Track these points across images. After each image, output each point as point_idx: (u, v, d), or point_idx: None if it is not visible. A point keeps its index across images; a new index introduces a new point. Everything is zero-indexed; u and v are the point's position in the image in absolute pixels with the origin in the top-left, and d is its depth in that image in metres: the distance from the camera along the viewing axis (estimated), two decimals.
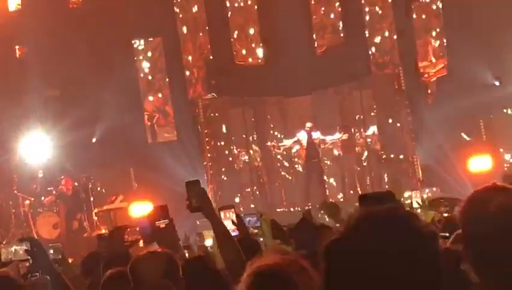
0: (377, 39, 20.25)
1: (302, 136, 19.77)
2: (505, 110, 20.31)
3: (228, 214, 5.63)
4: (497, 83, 19.89)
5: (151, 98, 20.66)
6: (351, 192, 19.95)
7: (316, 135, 19.71)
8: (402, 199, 12.55)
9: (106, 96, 18.90)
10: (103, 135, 19.41)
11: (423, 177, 19.65)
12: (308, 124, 19.59)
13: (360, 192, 19.45)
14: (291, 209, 19.31)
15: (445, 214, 8.69)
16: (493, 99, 19.22)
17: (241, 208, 18.77)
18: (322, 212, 11.02)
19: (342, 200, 19.34)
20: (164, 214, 4.56)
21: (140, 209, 16.98)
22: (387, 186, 19.53)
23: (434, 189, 18.31)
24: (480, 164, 18.78)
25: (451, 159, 18.58)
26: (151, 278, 3.45)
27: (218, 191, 20.24)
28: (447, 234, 4.75)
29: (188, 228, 13.59)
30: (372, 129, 20.24)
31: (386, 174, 19.92)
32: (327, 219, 10.04)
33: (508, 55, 19.18)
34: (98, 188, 19.37)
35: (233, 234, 4.91)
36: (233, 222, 5.61)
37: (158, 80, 20.65)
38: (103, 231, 15.28)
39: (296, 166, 20.68)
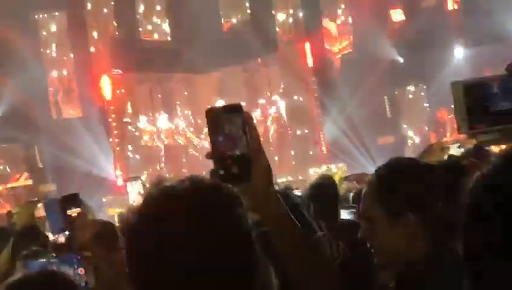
0: (283, 16, 20.68)
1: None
2: (408, 87, 21.10)
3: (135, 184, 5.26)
4: (401, 60, 20.55)
5: (55, 74, 20.68)
6: None
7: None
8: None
9: (8, 71, 18.79)
10: (6, 111, 19.17)
11: (328, 151, 20.13)
12: (220, 101, 19.72)
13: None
14: None
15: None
16: (397, 75, 19.87)
17: (147, 185, 18.87)
18: None
19: None
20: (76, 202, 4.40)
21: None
22: (293, 163, 20.13)
23: (340, 165, 18.97)
24: (385, 139, 19.36)
25: (358, 134, 19.22)
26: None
27: (125, 168, 20.39)
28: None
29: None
30: (280, 105, 20.62)
31: (293, 151, 20.40)
32: None
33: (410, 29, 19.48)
34: (1, 167, 19.36)
35: None
36: (139, 193, 5.38)
37: (62, 56, 20.65)
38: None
39: (205, 143, 20.77)
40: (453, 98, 2.23)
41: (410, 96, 21.15)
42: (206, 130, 1.74)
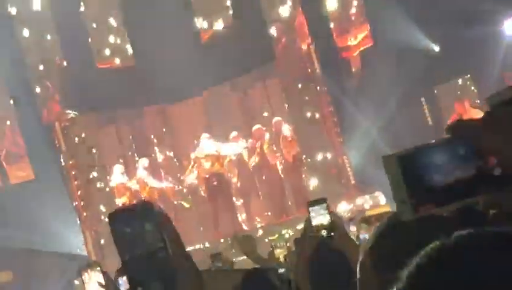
0: (278, 13, 18.51)
1: (198, 150, 17.84)
2: (451, 82, 19.05)
3: (93, 274, 4.84)
4: (436, 49, 18.68)
5: None
6: (268, 213, 18.31)
7: (214, 146, 17.73)
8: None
9: None
10: None
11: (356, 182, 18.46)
12: (205, 135, 17.80)
13: (284, 213, 18.11)
14: (197, 246, 17.05)
15: None
16: (435, 69, 17.93)
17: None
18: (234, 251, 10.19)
19: (259, 226, 17.73)
20: None
21: None
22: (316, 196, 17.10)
23: (375, 194, 17.15)
24: None
25: (390, 153, 15.87)
26: None
27: (99, 238, 17.98)
28: None
29: None
30: (286, 127, 18.29)
31: (311, 185, 18.02)
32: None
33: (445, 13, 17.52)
34: None
35: None
36: (100, 284, 4.81)
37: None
38: None
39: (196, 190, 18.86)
40: (387, 177, 1.81)
41: (456, 92, 18.68)
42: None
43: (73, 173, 18.19)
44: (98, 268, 5.00)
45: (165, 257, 2.14)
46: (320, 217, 4.17)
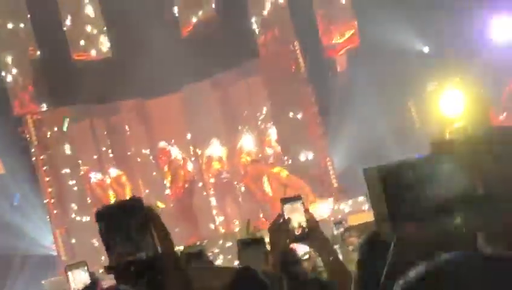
0: (262, 8, 18.45)
1: (174, 151, 18.36)
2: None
3: (79, 273, 4.69)
4: (425, 50, 18.63)
5: None
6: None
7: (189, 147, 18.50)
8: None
9: None
10: None
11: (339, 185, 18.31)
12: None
13: (262, 216, 17.99)
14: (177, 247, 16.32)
15: None
16: (424, 71, 17.40)
17: (103, 258, 16.51)
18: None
19: (238, 229, 17.71)
20: None
21: None
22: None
23: (359, 199, 16.95)
24: None
25: (375, 156, 16.05)
26: None
27: (70, 237, 17.92)
28: None
29: None
30: (268, 127, 18.57)
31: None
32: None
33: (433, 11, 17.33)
34: None
35: None
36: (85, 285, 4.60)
37: None
38: None
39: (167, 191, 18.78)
40: (367, 192, 1.96)
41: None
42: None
43: (44, 169, 17.95)
44: (85, 267, 4.97)
45: (153, 255, 2.15)
46: (295, 215, 4.08)
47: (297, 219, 4.04)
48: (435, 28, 17.30)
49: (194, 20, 18.85)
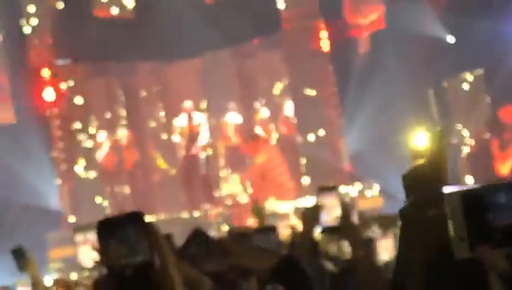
0: None
1: (181, 118, 18.40)
2: (461, 76, 18.88)
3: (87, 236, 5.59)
4: (450, 40, 18.51)
5: None
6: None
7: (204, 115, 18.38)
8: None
9: None
10: None
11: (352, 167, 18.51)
12: (187, 104, 18.14)
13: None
14: (176, 215, 17.40)
15: None
16: (447, 61, 17.83)
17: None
18: None
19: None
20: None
21: None
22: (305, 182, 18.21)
23: (369, 183, 17.41)
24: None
25: (392, 141, 16.21)
26: None
27: (74, 193, 18.21)
28: None
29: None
30: (285, 103, 18.61)
31: (304, 164, 18.19)
32: None
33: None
34: None
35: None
36: (94, 247, 3.74)
37: None
38: None
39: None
40: (448, 212, 2.07)
41: (466, 87, 18.70)
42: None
43: (56, 123, 18.22)
44: (93, 230, 5.05)
45: (152, 268, 2.24)
46: (329, 204, 4.11)
47: (331, 208, 4.03)
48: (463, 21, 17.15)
49: None
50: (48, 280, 12.50)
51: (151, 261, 2.19)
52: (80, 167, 18.22)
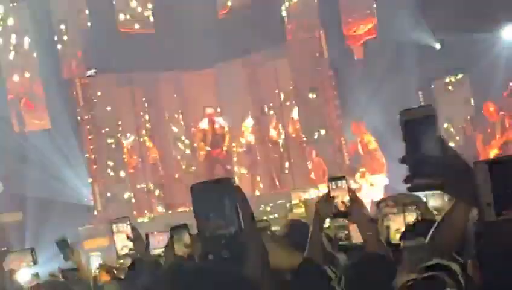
0: None
1: (204, 122, 19.39)
2: (448, 79, 19.57)
3: (122, 227, 5.32)
4: (437, 46, 19.19)
5: (16, 78, 19.23)
6: (261, 185, 19.45)
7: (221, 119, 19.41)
8: None
9: None
10: None
11: (351, 163, 18.89)
12: (209, 110, 19.15)
13: (277, 183, 19.13)
14: None
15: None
16: (435, 65, 18.39)
17: (134, 212, 18.19)
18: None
19: (257, 193, 18.95)
20: None
21: None
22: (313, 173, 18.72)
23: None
24: None
25: (386, 138, 17.23)
26: None
27: (105, 190, 19.03)
28: None
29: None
30: (290, 106, 19.37)
31: (309, 163, 18.87)
32: None
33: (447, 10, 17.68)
34: None
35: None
36: (128, 237, 5.34)
37: (24, 55, 19.31)
38: None
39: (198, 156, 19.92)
40: (476, 180, 2.10)
41: (450, 88, 19.48)
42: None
43: (87, 127, 19.07)
44: (128, 222, 5.39)
45: (237, 230, 2.32)
46: (339, 192, 4.22)
47: (341, 196, 4.23)
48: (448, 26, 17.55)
49: (230, 4, 19.81)
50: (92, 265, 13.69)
51: (240, 229, 2.30)
52: (109, 167, 19.08)
